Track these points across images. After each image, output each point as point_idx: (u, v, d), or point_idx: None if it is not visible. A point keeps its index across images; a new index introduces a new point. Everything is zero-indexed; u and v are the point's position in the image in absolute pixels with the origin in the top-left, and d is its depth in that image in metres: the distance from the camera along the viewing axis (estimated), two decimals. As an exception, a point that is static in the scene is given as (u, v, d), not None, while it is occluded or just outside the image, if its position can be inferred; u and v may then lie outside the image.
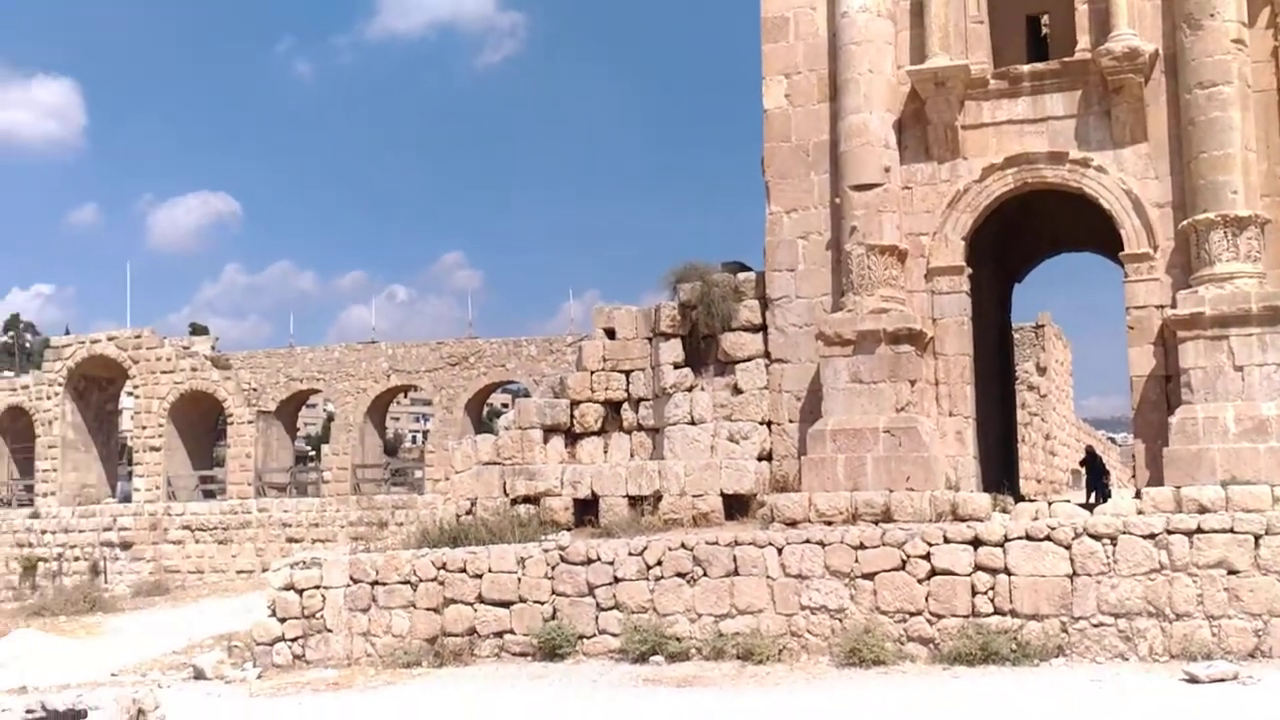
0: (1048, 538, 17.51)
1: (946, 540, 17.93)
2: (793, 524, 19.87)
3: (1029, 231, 26.31)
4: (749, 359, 22.57)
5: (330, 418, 63.02)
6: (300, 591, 20.82)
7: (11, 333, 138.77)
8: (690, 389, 22.80)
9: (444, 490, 26.33)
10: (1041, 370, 47.03)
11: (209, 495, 48.73)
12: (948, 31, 21.31)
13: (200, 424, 50.09)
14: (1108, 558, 17.19)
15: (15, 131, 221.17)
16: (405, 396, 65.87)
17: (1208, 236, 19.20)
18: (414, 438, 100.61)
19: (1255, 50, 19.78)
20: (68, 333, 65.58)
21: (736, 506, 22.04)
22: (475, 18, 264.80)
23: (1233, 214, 19.07)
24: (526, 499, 23.35)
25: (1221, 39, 19.46)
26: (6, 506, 51.53)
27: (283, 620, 20.84)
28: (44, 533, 48.73)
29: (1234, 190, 19.16)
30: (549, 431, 23.76)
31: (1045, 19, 22.73)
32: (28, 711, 8.76)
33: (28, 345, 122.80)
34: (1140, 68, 19.98)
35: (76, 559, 47.56)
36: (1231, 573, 16.81)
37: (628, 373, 23.65)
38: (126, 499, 49.39)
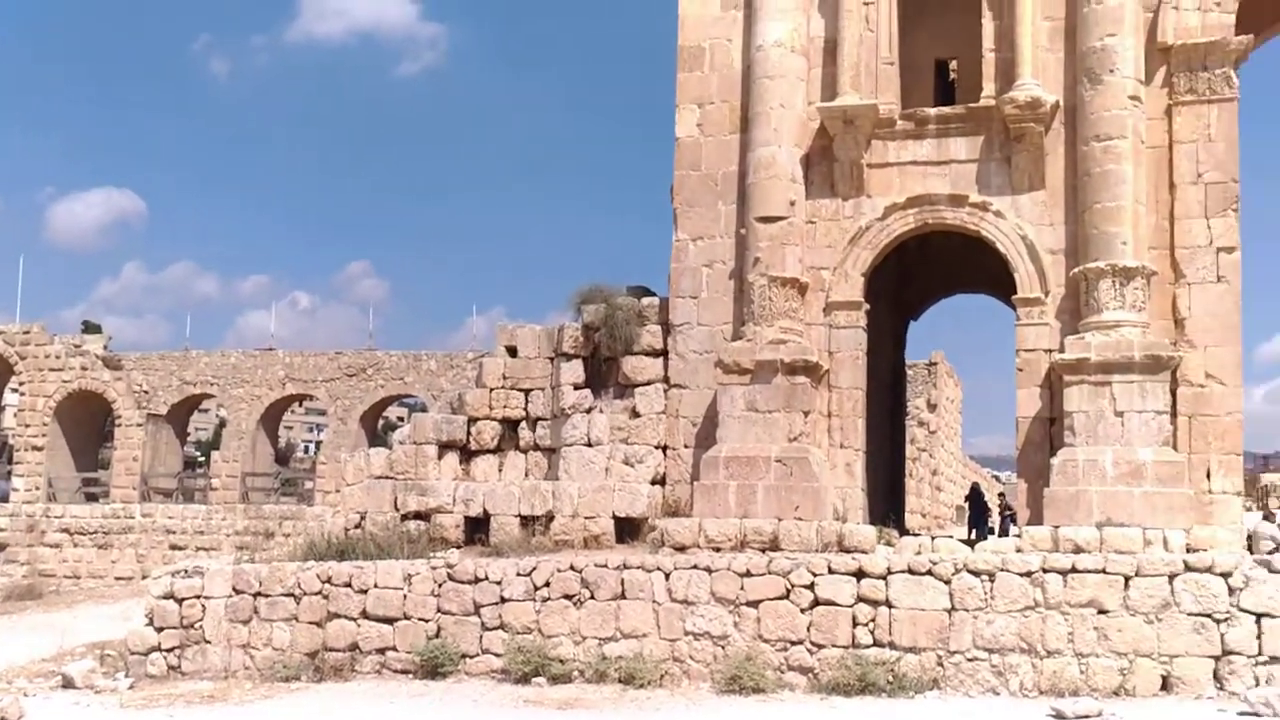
0: (929, 572, 17.81)
1: (831, 571, 18.14)
2: (682, 549, 19.94)
3: (927, 270, 26.82)
4: (648, 383, 22.64)
5: (222, 424, 61.75)
6: (180, 600, 20.32)
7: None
8: (589, 410, 22.79)
9: (334, 503, 25.96)
10: (932, 407, 47.89)
11: (91, 498, 47.39)
12: (859, 71, 21.66)
13: (88, 424, 48.75)
14: (985, 594, 17.53)
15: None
16: (300, 406, 64.79)
17: (1097, 285, 19.72)
18: (307, 448, 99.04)
19: (1150, 108, 20.38)
20: (-48, 324, 63.31)
21: (628, 530, 22.03)
22: (397, 27, 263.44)
23: (1121, 264, 19.60)
24: (418, 515, 23.09)
25: (1119, 95, 20.04)
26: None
27: (160, 629, 20.33)
28: (-86, 530, 47.02)
29: (1124, 241, 19.72)
30: (444, 448, 23.54)
31: (953, 64, 23.23)
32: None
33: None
34: (1041, 117, 20.50)
35: (-53, 558, 45.89)
36: (1101, 612, 17.30)
37: (527, 391, 23.57)
38: (4, 499, 47.83)
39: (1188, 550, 18.15)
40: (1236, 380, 19.83)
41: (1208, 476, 19.54)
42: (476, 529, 22.77)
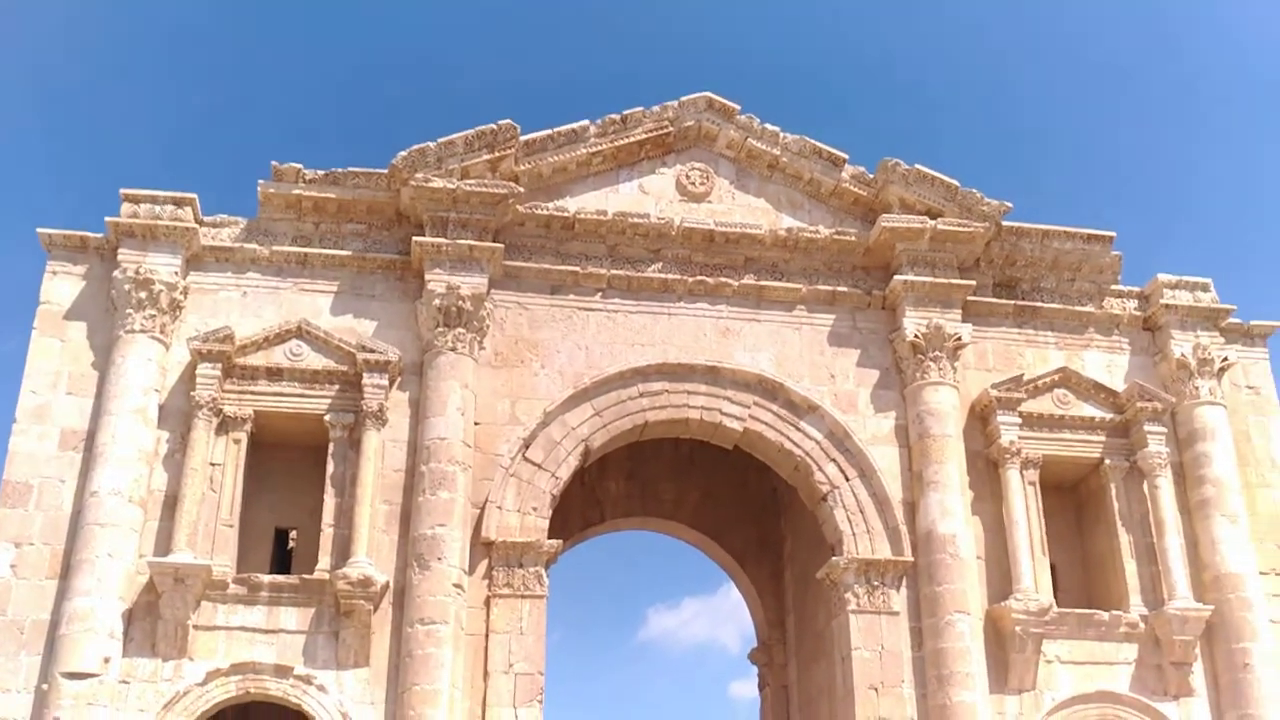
0: None
1: None
2: None
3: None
4: None
5: None
6: None
7: None
8: None
9: None
10: None
11: None
12: (197, 529, 21.26)
13: None
14: None
15: None
16: None
17: (406, 768, 19.82)
18: None
19: (472, 597, 21.60)
20: None
21: None
22: None
23: (434, 749, 19.95)
24: None
25: (444, 582, 21.12)
26: None
27: None
28: None
29: (439, 725, 20.19)
30: None
31: (294, 534, 23.52)
32: None
33: None
34: (372, 596, 21.00)
35: None
36: None
37: None
38: None
39: None
40: None
41: None
42: None
